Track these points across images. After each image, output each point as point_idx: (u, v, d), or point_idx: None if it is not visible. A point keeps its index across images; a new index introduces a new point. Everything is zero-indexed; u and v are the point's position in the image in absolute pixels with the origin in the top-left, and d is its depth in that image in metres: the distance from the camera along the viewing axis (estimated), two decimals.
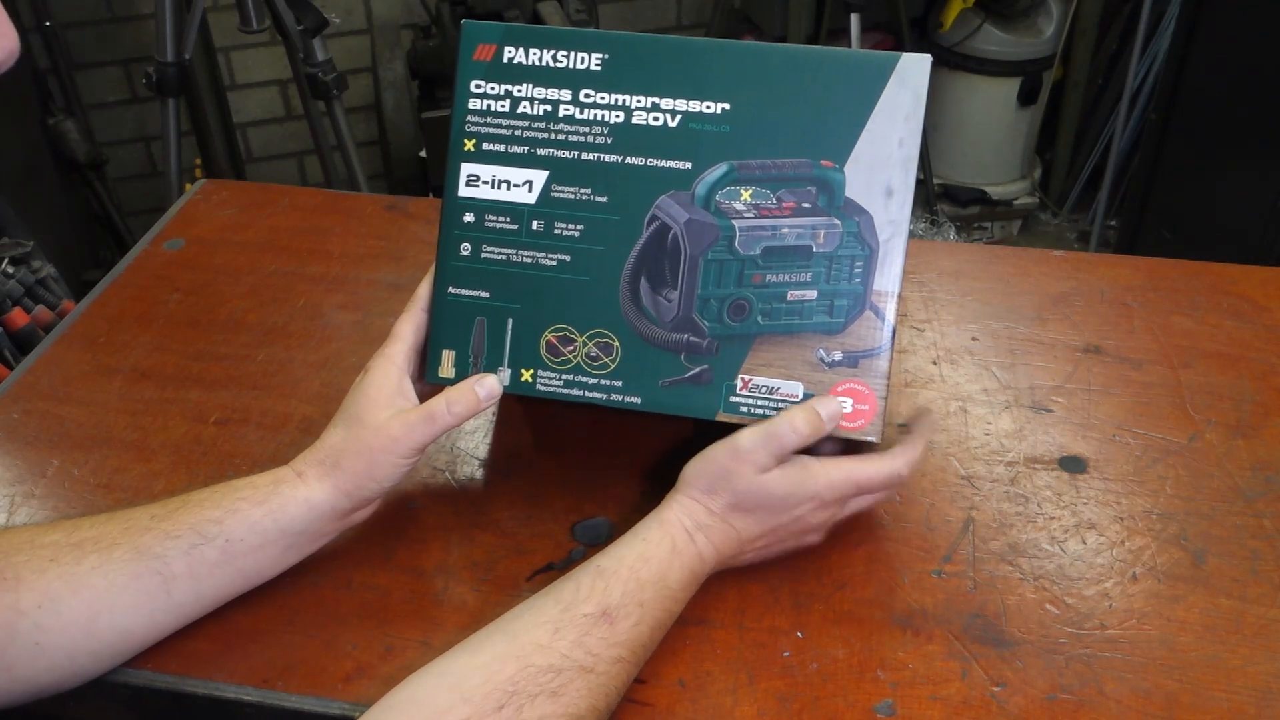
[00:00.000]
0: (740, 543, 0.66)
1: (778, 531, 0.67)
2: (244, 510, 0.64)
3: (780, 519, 0.66)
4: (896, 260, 0.67)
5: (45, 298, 1.69)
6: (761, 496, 0.65)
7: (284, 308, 0.94)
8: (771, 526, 0.66)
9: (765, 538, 0.67)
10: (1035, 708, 0.61)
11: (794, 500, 0.65)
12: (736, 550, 0.66)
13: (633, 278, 0.69)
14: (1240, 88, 2.15)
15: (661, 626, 0.62)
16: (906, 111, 0.67)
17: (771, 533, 0.67)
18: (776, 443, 0.65)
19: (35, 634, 0.59)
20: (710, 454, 0.66)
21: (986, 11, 2.83)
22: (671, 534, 0.64)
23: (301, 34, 1.96)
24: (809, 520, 0.67)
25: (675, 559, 0.63)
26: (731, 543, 0.66)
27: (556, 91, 0.69)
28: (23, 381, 0.86)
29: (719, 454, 0.65)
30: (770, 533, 0.66)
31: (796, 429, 0.65)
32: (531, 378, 0.70)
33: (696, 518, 0.65)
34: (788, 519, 0.66)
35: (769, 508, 0.65)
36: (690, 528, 0.65)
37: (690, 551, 0.64)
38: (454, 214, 0.70)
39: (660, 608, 0.62)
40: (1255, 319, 0.90)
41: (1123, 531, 0.72)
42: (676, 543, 0.64)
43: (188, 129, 2.26)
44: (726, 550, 0.66)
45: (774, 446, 0.65)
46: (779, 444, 0.65)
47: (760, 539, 0.67)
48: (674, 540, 0.64)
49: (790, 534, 0.67)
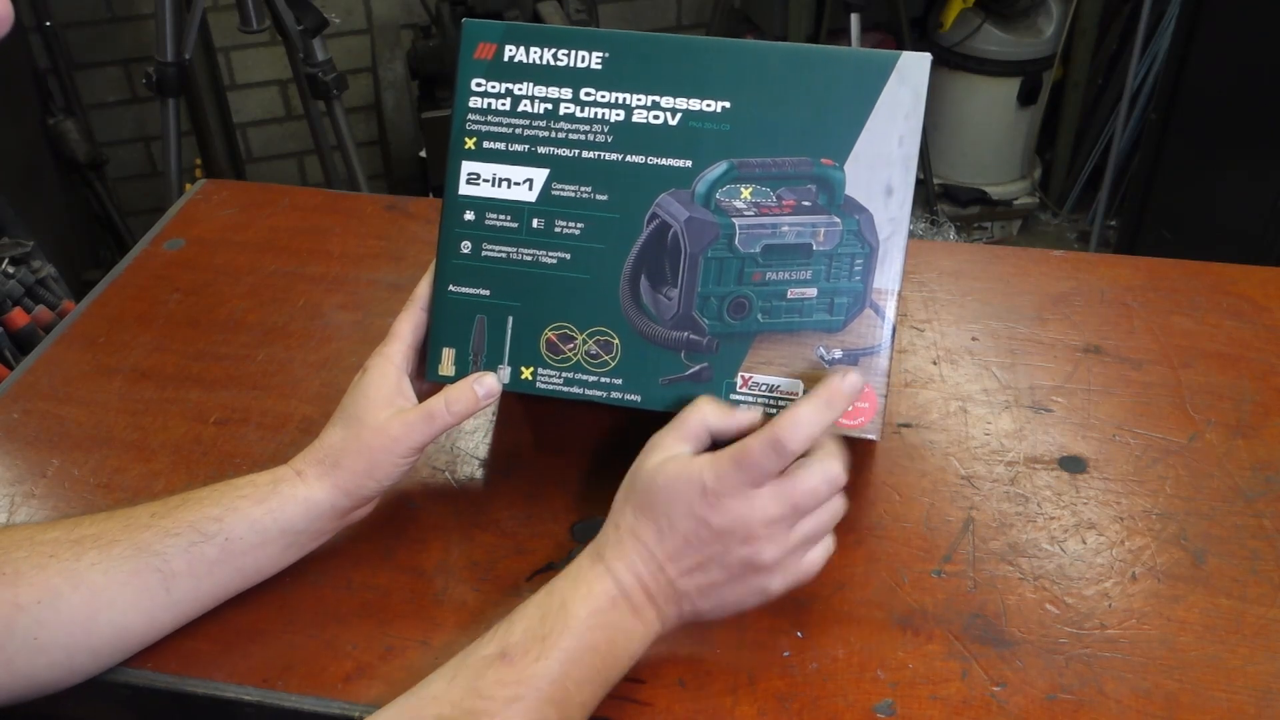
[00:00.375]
0: (655, 560, 0.60)
1: (697, 547, 0.59)
2: (244, 509, 0.64)
3: (683, 525, 0.59)
4: (896, 258, 0.67)
5: (45, 298, 1.69)
6: (650, 489, 0.60)
7: (284, 308, 0.93)
8: (680, 537, 0.59)
9: (685, 555, 0.59)
10: (1035, 708, 0.61)
11: (678, 494, 0.59)
12: (656, 569, 0.60)
13: (633, 276, 0.69)
14: (1240, 88, 2.15)
15: (581, 661, 0.57)
16: (907, 110, 0.67)
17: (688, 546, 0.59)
18: (679, 425, 0.62)
19: (34, 629, 0.59)
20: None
21: (986, 11, 2.83)
22: (579, 563, 0.61)
23: (301, 34, 1.96)
24: (739, 551, 0.59)
25: (579, 585, 0.59)
26: (645, 558, 0.60)
27: (557, 90, 0.70)
28: (23, 381, 0.86)
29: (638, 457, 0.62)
30: (686, 546, 0.59)
31: (699, 410, 0.63)
32: (531, 376, 0.70)
33: (604, 538, 0.61)
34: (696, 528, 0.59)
35: (659, 505, 0.60)
36: (599, 550, 0.61)
37: (597, 573, 0.59)
38: (454, 212, 0.70)
39: (570, 638, 0.57)
40: (1255, 319, 0.90)
41: (1123, 531, 0.72)
42: (582, 569, 0.60)
43: (188, 129, 2.26)
44: (644, 569, 0.60)
45: (677, 429, 0.62)
46: (681, 426, 0.62)
47: (681, 556, 0.59)
48: (579, 568, 0.60)
49: (725, 560, 0.60)
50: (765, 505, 0.59)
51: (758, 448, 0.58)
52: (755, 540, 0.59)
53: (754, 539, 0.59)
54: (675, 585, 0.60)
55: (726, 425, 0.63)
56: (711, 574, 0.60)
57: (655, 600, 0.60)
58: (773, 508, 0.59)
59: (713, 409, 0.63)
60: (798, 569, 0.62)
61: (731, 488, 0.59)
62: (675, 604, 0.61)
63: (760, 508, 0.59)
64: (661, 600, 0.60)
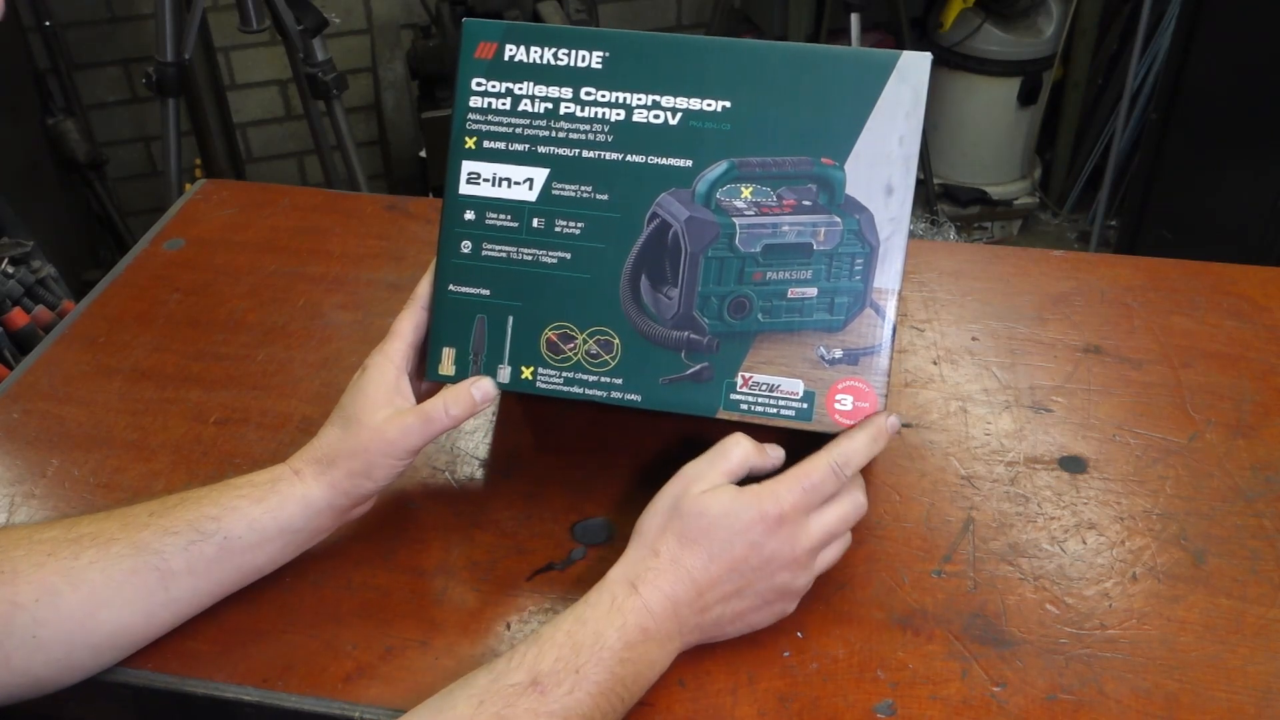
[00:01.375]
0: (697, 586, 0.60)
1: (742, 573, 0.61)
2: (242, 508, 0.64)
3: (735, 551, 0.60)
4: (897, 258, 0.67)
5: (45, 298, 1.69)
6: (702, 516, 0.61)
7: (284, 308, 0.93)
8: (729, 563, 0.60)
9: (727, 581, 0.61)
10: (1035, 708, 0.61)
11: (738, 519, 0.61)
12: (694, 596, 0.60)
13: (633, 275, 0.69)
14: (1240, 88, 2.15)
15: (610, 693, 0.57)
16: (907, 109, 0.67)
17: (733, 572, 0.61)
18: (722, 460, 0.64)
19: (33, 627, 0.59)
20: (659, 492, 0.64)
21: (986, 11, 2.83)
22: (612, 590, 0.60)
23: (301, 34, 1.96)
24: (780, 577, 0.62)
25: (614, 616, 0.58)
26: (685, 586, 0.60)
27: (557, 89, 0.69)
28: (23, 381, 0.86)
29: (667, 487, 0.63)
30: (731, 572, 0.61)
31: (741, 445, 0.64)
32: (532, 375, 0.70)
33: (640, 566, 0.61)
34: (748, 553, 0.61)
35: (714, 532, 0.61)
36: (633, 578, 0.60)
37: (632, 604, 0.59)
38: (455, 212, 0.70)
39: (603, 671, 0.57)
40: (1255, 319, 0.90)
41: (1123, 531, 0.72)
42: (616, 598, 0.59)
43: (188, 129, 2.26)
44: (682, 596, 0.60)
45: (720, 464, 0.64)
46: (725, 461, 0.64)
47: (722, 582, 0.61)
48: (613, 596, 0.59)
49: (761, 586, 0.62)
50: (812, 532, 0.63)
51: (821, 471, 0.63)
52: (796, 566, 0.62)
53: (795, 564, 0.62)
54: (708, 612, 0.61)
55: (762, 463, 0.65)
56: (746, 600, 0.62)
57: (682, 629, 0.61)
58: (816, 534, 0.63)
59: (752, 446, 0.65)
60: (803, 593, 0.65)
61: (795, 511, 0.62)
62: (699, 631, 0.62)
63: (809, 534, 0.62)
64: (688, 629, 0.61)
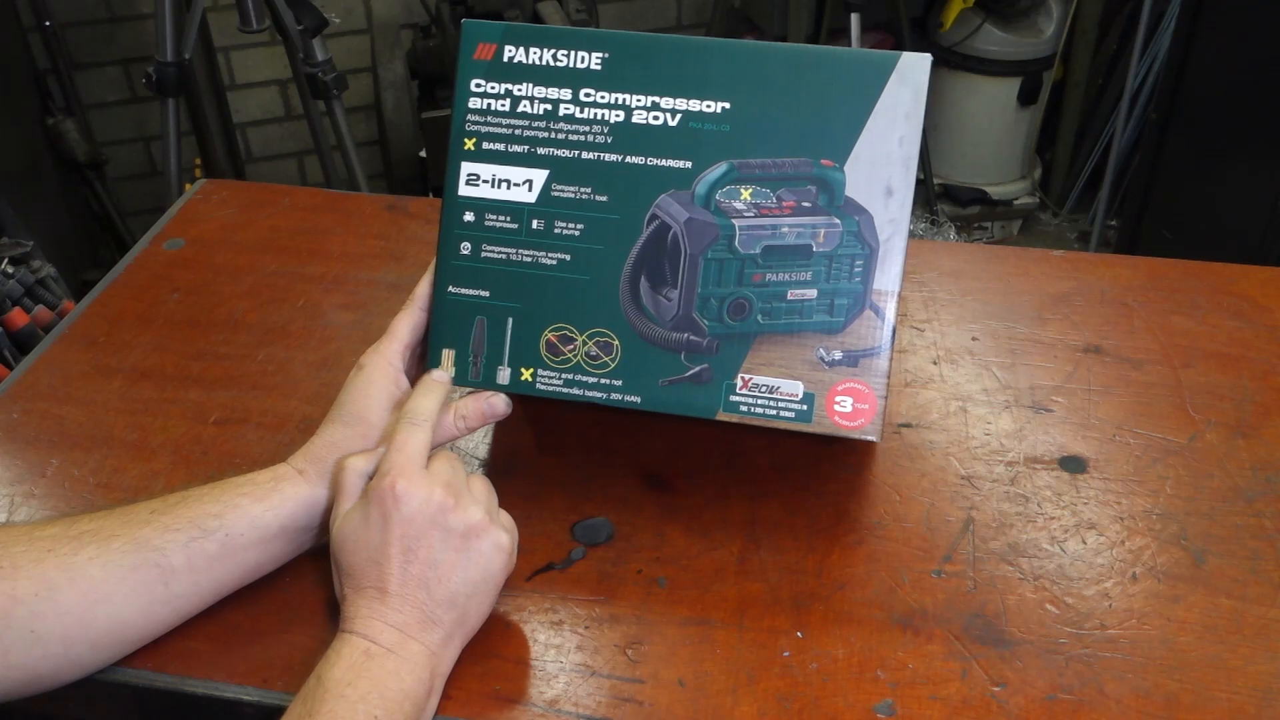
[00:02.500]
0: (384, 591, 0.59)
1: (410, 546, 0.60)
2: (244, 506, 0.64)
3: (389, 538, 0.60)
4: (897, 259, 0.67)
5: (45, 298, 1.69)
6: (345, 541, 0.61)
7: (284, 308, 0.93)
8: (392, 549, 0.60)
9: (406, 563, 0.60)
10: (1035, 708, 0.61)
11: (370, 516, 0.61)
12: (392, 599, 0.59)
13: (633, 277, 0.69)
14: (1240, 88, 2.15)
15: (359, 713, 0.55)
16: (907, 110, 0.67)
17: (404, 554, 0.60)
18: (341, 494, 0.64)
19: (31, 622, 0.59)
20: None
21: (986, 11, 2.83)
22: (331, 645, 0.60)
23: (301, 34, 1.96)
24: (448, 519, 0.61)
25: (330, 657, 0.58)
26: (376, 598, 0.60)
27: (557, 91, 0.69)
28: (23, 381, 0.86)
29: None
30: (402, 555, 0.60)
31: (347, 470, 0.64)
32: (531, 377, 0.70)
33: (342, 614, 0.61)
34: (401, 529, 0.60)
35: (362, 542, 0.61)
36: (341, 624, 0.60)
37: (342, 640, 0.59)
38: (454, 213, 0.70)
39: (334, 702, 0.55)
40: (1255, 319, 0.90)
41: (1123, 531, 0.72)
42: (331, 647, 0.59)
43: (188, 129, 2.25)
44: (381, 608, 0.59)
45: (341, 498, 0.64)
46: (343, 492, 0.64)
47: (405, 568, 0.60)
48: (329, 647, 0.59)
49: (436, 539, 0.60)
50: (436, 473, 0.62)
51: (404, 431, 0.63)
52: (450, 506, 0.61)
53: (447, 506, 0.61)
54: (419, 598, 0.60)
55: (375, 461, 0.64)
56: (438, 560, 0.61)
57: (408, 632, 0.59)
58: (442, 473, 0.62)
59: (359, 458, 0.65)
60: (506, 521, 0.65)
61: (405, 469, 0.61)
62: (430, 624, 0.60)
63: (435, 476, 0.62)
64: (415, 629, 0.60)
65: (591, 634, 0.66)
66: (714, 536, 0.72)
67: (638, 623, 0.66)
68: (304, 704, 0.56)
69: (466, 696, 0.62)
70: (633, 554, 0.71)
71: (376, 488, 0.61)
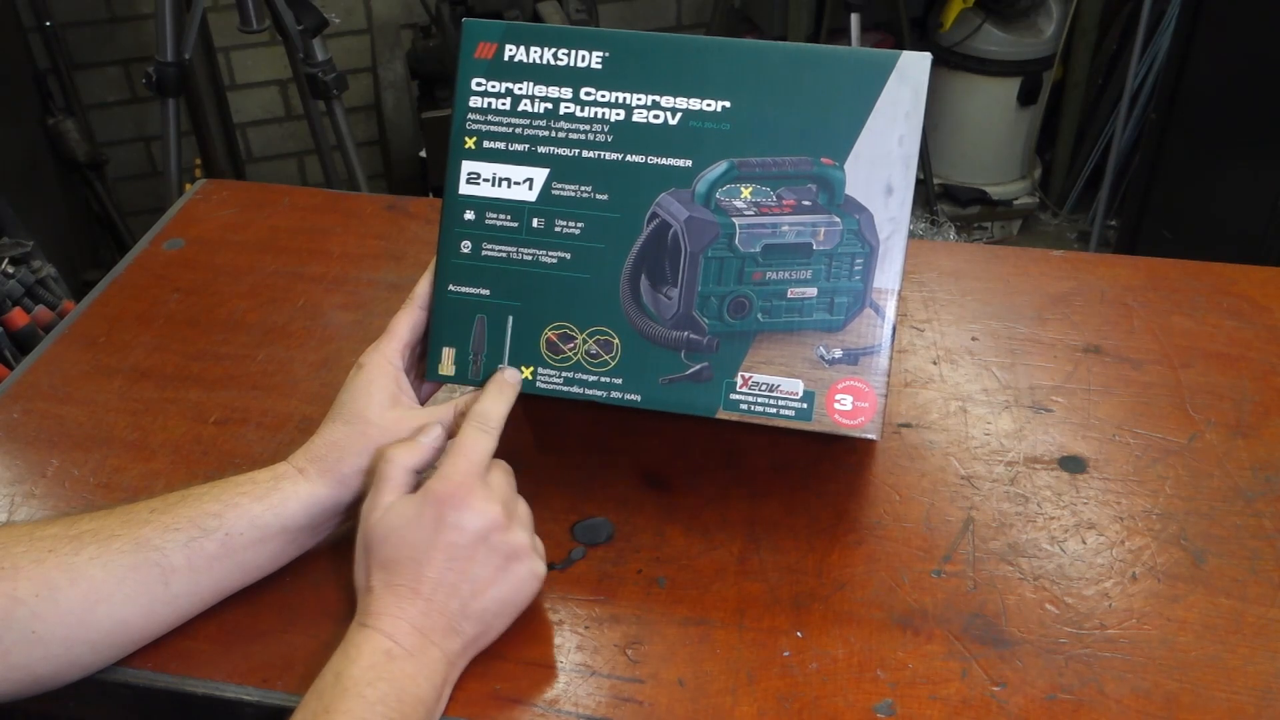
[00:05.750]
0: (419, 594, 0.60)
1: (455, 556, 0.60)
2: (244, 505, 0.64)
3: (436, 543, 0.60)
4: (897, 258, 0.67)
5: (45, 298, 1.69)
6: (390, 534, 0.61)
7: (284, 308, 0.93)
8: (437, 556, 0.60)
9: (447, 571, 0.60)
10: (1035, 708, 0.61)
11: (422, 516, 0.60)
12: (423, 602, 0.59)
13: (633, 275, 0.69)
14: (1240, 88, 2.15)
15: (375, 714, 0.55)
16: (907, 109, 0.67)
17: (448, 560, 0.60)
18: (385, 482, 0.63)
19: (32, 622, 0.59)
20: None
21: (986, 11, 2.83)
22: (347, 636, 0.60)
23: (301, 34, 1.96)
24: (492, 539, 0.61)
25: (349, 652, 0.58)
26: (409, 599, 0.60)
27: (557, 89, 0.70)
28: (23, 381, 0.86)
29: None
30: (447, 561, 0.60)
31: (392, 460, 0.64)
32: (531, 375, 0.70)
33: (362, 608, 0.61)
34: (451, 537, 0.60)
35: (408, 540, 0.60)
36: (361, 620, 0.60)
37: (364, 636, 0.59)
38: (454, 211, 0.70)
39: (352, 700, 0.56)
40: (1255, 319, 0.90)
41: (1123, 531, 0.72)
42: (349, 640, 0.59)
43: (188, 129, 2.25)
44: (411, 610, 0.59)
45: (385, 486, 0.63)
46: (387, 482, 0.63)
47: (443, 575, 0.60)
48: (347, 641, 0.59)
49: (482, 556, 0.61)
50: (494, 488, 0.63)
51: (471, 436, 0.64)
52: (500, 525, 0.61)
53: (498, 524, 0.61)
54: (448, 606, 0.60)
55: (423, 456, 0.65)
56: (477, 575, 0.61)
57: (431, 637, 0.60)
58: (500, 489, 0.63)
59: (403, 451, 0.64)
60: (540, 548, 0.65)
61: (467, 478, 0.61)
62: (453, 634, 0.60)
63: (493, 492, 0.62)
64: (438, 636, 0.60)
65: (591, 634, 0.66)
66: (714, 536, 0.72)
67: (638, 623, 0.66)
68: (319, 700, 0.56)
69: (466, 696, 0.62)
70: (633, 554, 0.71)
71: (437, 490, 0.61)
